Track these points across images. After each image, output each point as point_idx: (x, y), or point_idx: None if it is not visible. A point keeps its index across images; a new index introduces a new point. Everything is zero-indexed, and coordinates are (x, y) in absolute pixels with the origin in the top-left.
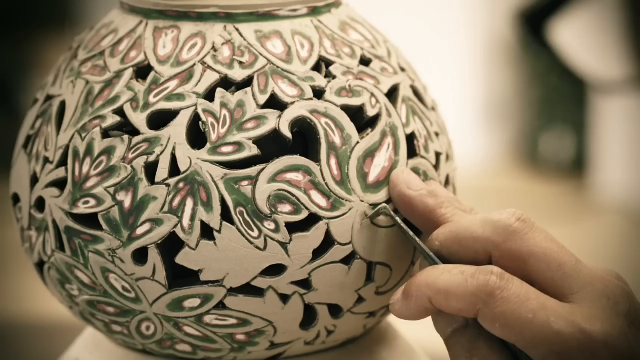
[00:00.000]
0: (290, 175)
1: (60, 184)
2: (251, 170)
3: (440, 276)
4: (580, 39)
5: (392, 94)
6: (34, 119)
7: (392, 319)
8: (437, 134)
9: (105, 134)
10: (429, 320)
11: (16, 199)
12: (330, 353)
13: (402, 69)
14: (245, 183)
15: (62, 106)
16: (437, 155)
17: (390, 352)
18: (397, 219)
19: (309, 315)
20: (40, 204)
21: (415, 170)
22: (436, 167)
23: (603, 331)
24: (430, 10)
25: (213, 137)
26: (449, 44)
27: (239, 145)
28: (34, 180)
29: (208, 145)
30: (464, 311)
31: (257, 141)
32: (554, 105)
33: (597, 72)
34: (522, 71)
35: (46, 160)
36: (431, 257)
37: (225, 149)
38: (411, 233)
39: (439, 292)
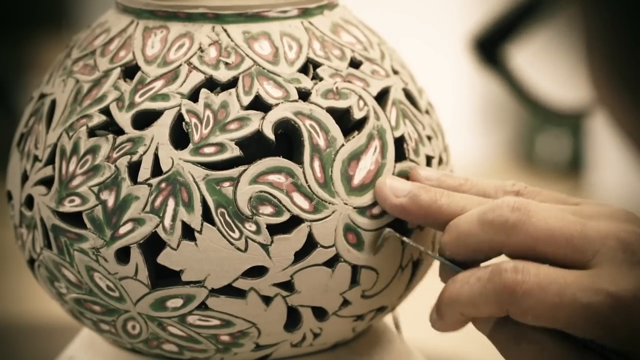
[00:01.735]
0: (272, 177)
1: (48, 182)
2: (233, 172)
3: (461, 289)
4: (535, 64)
5: (382, 96)
6: (28, 117)
7: (390, 319)
8: (429, 138)
9: (92, 133)
10: (427, 321)
11: (10, 196)
12: (319, 355)
13: (395, 72)
14: (226, 184)
15: (53, 105)
16: (429, 158)
17: (384, 355)
18: (405, 239)
19: (294, 318)
20: (29, 202)
21: (403, 174)
22: None
23: (629, 288)
24: (427, 11)
25: (196, 137)
26: (446, 44)
27: (221, 146)
28: (24, 178)
29: (190, 146)
30: (495, 313)
31: (241, 142)
32: None
33: (553, 97)
34: None
35: (35, 159)
36: (448, 265)
37: (207, 150)
38: (422, 248)
39: (466, 305)
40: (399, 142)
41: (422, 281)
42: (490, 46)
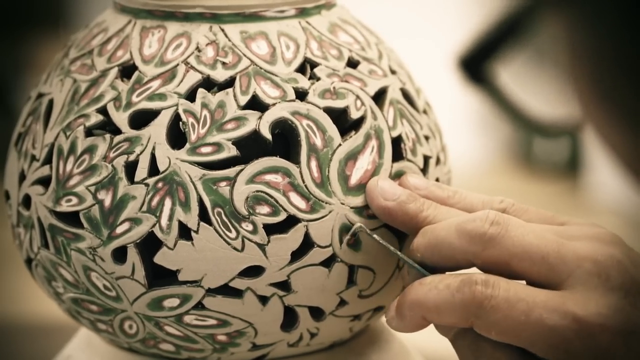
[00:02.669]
0: (269, 177)
1: (45, 181)
2: (229, 171)
3: (428, 293)
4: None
5: (379, 96)
6: (25, 116)
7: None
8: (427, 138)
9: (89, 132)
10: None
11: (7, 196)
12: (316, 355)
13: (393, 72)
14: (223, 184)
15: (50, 104)
16: (426, 158)
17: (381, 354)
18: (375, 236)
19: (290, 317)
20: (26, 201)
21: (400, 174)
22: (424, 170)
23: (597, 313)
24: (427, 10)
25: (193, 137)
26: (444, 44)
27: (218, 146)
28: (22, 177)
29: (187, 146)
30: (458, 324)
31: (238, 142)
32: None
33: (541, 113)
34: None
35: (33, 158)
36: (416, 268)
37: (204, 150)
38: (392, 248)
39: (430, 310)
40: (397, 142)
41: None
42: (475, 64)
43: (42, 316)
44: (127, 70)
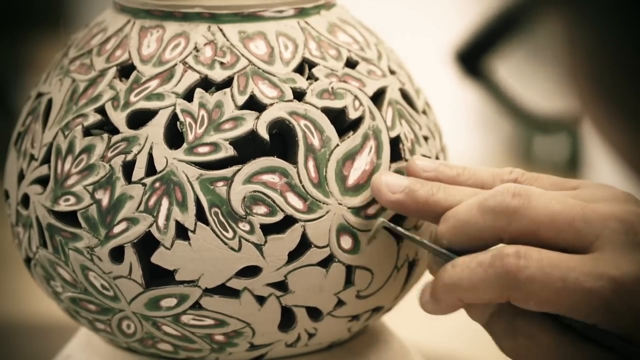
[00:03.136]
0: (266, 177)
1: (43, 181)
2: (227, 171)
3: (462, 274)
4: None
5: (378, 97)
6: (25, 116)
7: (386, 319)
8: (426, 138)
9: (87, 132)
10: (426, 321)
11: (7, 195)
12: (315, 356)
13: (392, 72)
14: (220, 184)
15: (49, 104)
16: None
17: (380, 355)
18: (399, 229)
19: (288, 318)
20: (25, 201)
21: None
22: None
23: (631, 271)
24: (427, 8)
25: (190, 137)
26: (445, 41)
27: (215, 146)
28: (21, 176)
29: (185, 146)
30: (495, 300)
31: (235, 142)
32: None
33: (538, 107)
34: None
35: (32, 158)
36: (446, 255)
37: (201, 149)
38: (418, 238)
39: (466, 290)
40: (395, 142)
41: (420, 281)
42: (473, 59)
43: (42, 316)
44: (126, 70)
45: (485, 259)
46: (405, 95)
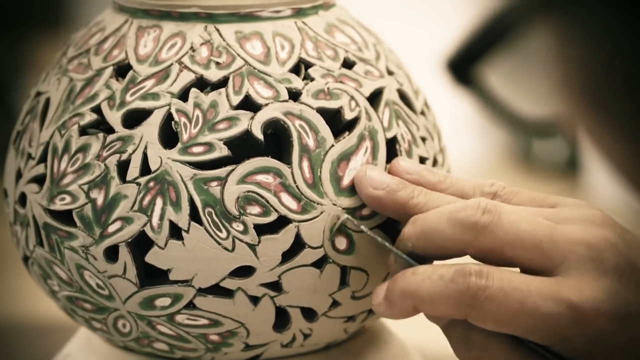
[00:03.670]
0: (260, 177)
1: (40, 180)
2: (220, 171)
3: (421, 284)
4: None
5: (375, 97)
6: (24, 115)
7: (386, 319)
8: (423, 139)
9: (83, 131)
10: (426, 321)
11: (6, 194)
12: (312, 356)
13: (391, 73)
14: (214, 184)
15: (47, 103)
16: (422, 160)
17: (379, 355)
18: (363, 227)
19: (282, 318)
20: (22, 199)
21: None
22: None
23: (592, 298)
24: (426, 10)
25: (185, 137)
26: (443, 44)
27: (209, 146)
28: (18, 175)
29: (179, 145)
30: (451, 315)
31: (229, 142)
32: None
33: (529, 115)
34: None
35: (29, 156)
36: (406, 260)
37: (195, 149)
38: (379, 239)
39: (423, 301)
40: (391, 143)
41: None
42: (463, 67)
43: (42, 316)
44: (122, 70)
45: (447, 273)
46: (403, 96)
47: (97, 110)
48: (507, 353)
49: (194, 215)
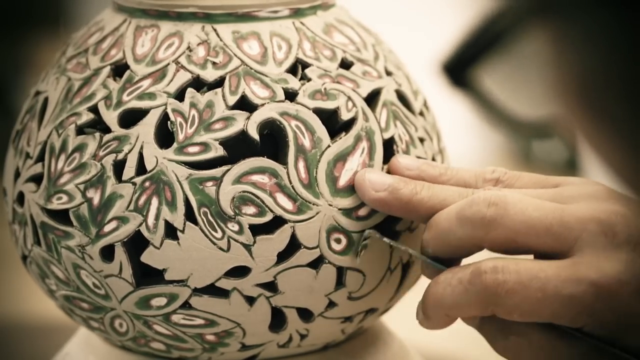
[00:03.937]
0: (256, 177)
1: (37, 179)
2: (216, 171)
3: (444, 292)
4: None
5: (373, 98)
6: (23, 114)
7: (386, 319)
8: (422, 140)
9: (80, 131)
10: None
11: (5, 193)
12: (309, 356)
13: (389, 73)
14: (209, 184)
15: (45, 102)
16: None
17: (378, 356)
18: (386, 239)
19: (279, 318)
20: (20, 198)
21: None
22: None
23: (611, 272)
24: (426, 10)
25: (180, 137)
26: (443, 44)
27: (205, 146)
28: (17, 174)
29: (175, 145)
30: (481, 314)
31: (225, 142)
32: None
33: (525, 116)
34: None
35: (27, 156)
36: (433, 265)
37: (191, 149)
38: (403, 247)
39: (450, 308)
40: (389, 143)
41: (419, 281)
42: (458, 70)
43: (41, 315)
44: (119, 69)
45: (465, 275)
46: (401, 97)
47: (94, 109)
48: (545, 335)
49: (190, 215)
